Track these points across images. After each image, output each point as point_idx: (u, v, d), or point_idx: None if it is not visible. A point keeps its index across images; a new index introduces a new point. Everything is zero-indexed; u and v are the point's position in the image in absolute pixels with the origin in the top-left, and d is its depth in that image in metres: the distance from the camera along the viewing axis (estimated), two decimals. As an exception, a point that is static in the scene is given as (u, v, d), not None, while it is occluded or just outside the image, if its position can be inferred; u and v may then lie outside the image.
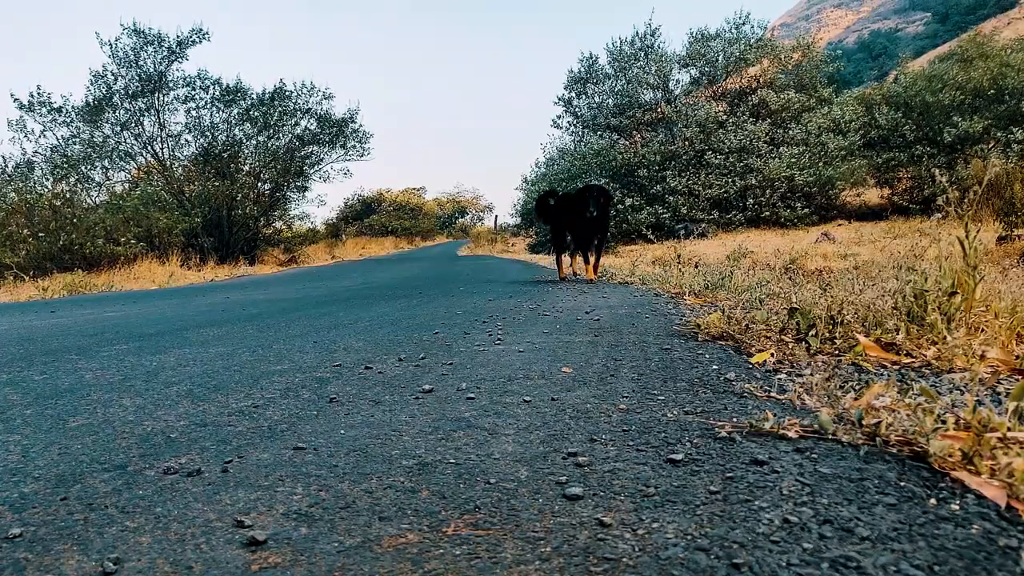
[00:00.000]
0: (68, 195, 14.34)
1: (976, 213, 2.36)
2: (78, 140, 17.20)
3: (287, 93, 19.25)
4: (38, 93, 16.78)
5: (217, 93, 18.51)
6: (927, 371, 1.89)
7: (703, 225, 16.60)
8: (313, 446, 1.43)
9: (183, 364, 2.55)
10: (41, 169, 15.76)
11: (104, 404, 1.90)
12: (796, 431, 1.37)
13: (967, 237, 2.20)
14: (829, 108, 18.19)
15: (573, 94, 21.75)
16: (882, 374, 1.86)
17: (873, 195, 19.05)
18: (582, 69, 21.23)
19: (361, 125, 20.77)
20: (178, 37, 17.51)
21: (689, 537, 0.93)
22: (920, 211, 15.92)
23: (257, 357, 2.65)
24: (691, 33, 20.20)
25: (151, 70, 17.55)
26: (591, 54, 21.28)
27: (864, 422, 1.35)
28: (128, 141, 18.01)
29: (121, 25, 19.00)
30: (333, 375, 2.22)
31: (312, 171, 20.49)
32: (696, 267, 6.88)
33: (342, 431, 1.53)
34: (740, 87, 19.56)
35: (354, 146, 20.67)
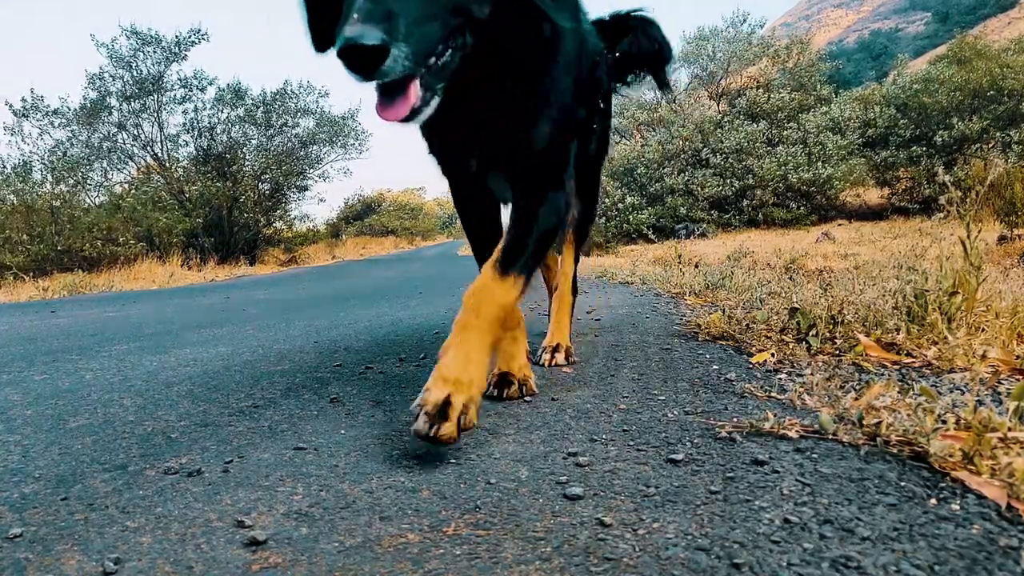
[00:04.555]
0: (67, 196, 14.35)
1: (977, 213, 2.36)
2: (76, 141, 17.19)
3: (289, 93, 19.27)
4: (32, 96, 16.76)
5: (215, 94, 18.53)
6: (928, 371, 1.89)
7: (703, 225, 16.60)
8: (314, 446, 1.43)
9: (183, 364, 2.55)
10: (40, 172, 15.74)
11: (104, 404, 1.90)
12: (796, 431, 1.37)
13: (968, 237, 2.20)
14: (828, 108, 18.20)
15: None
16: (883, 374, 1.86)
17: (873, 195, 19.05)
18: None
19: (360, 123, 20.82)
20: (177, 38, 17.51)
21: (690, 537, 0.93)
22: (920, 211, 15.91)
23: (257, 357, 2.65)
24: (685, 34, 20.25)
25: (149, 71, 17.54)
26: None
27: (864, 422, 1.34)
28: (127, 142, 18.02)
29: (120, 27, 19.01)
30: (334, 375, 2.22)
31: (312, 171, 20.52)
32: (696, 267, 6.84)
33: (343, 431, 1.53)
34: (739, 87, 19.59)
35: (354, 144, 20.73)
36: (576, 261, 2.47)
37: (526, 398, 1.78)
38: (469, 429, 1.32)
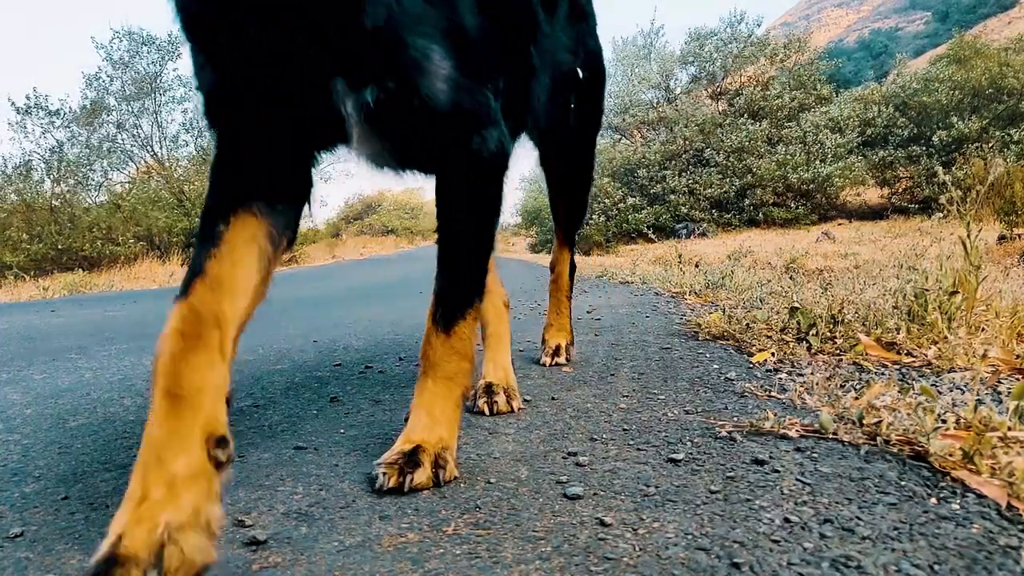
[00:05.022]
0: (67, 196, 14.37)
1: (977, 212, 2.36)
2: (76, 142, 17.20)
3: None
4: (35, 95, 16.79)
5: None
6: (928, 370, 1.89)
7: (704, 225, 16.60)
8: (314, 446, 1.43)
9: (183, 364, 2.55)
10: (39, 171, 15.77)
11: (104, 404, 1.90)
12: (797, 430, 1.36)
13: (969, 236, 2.20)
14: (827, 107, 18.21)
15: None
16: (883, 373, 1.86)
17: (873, 195, 19.05)
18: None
19: None
20: (170, 36, 17.51)
21: (690, 536, 0.93)
22: (919, 211, 15.91)
23: (257, 357, 2.65)
24: (689, 32, 20.24)
25: (146, 71, 17.55)
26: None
27: (865, 421, 1.34)
28: (126, 142, 18.03)
29: (112, 29, 19.07)
30: (333, 375, 2.22)
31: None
32: (697, 267, 6.83)
33: (342, 431, 1.53)
34: (739, 86, 19.60)
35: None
36: (571, 254, 2.31)
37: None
38: (450, 482, 1.16)
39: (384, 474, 1.12)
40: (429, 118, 1.03)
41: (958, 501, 1.02)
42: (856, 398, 1.48)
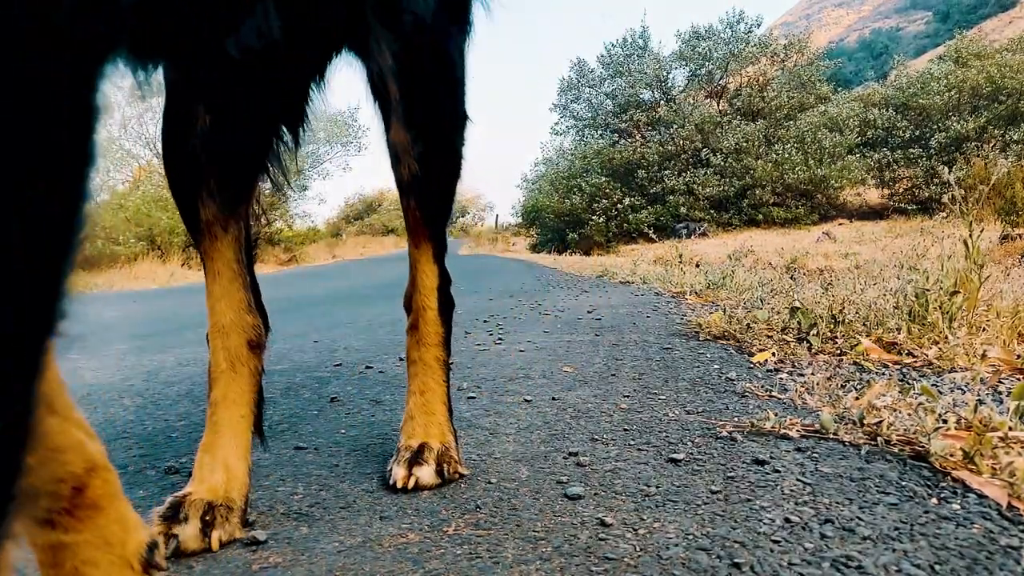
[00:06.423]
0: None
1: (978, 212, 2.36)
2: None
3: None
4: None
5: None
6: (928, 370, 1.89)
7: (704, 225, 16.61)
8: (314, 446, 1.43)
9: (183, 364, 2.55)
10: None
11: (105, 404, 1.90)
12: (797, 430, 1.36)
13: (971, 236, 2.20)
14: (825, 106, 18.22)
15: (569, 99, 21.84)
16: (883, 373, 1.86)
17: (873, 195, 19.05)
18: (573, 76, 21.35)
19: (357, 122, 21.09)
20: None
21: (690, 537, 0.93)
22: (919, 211, 15.91)
23: (258, 357, 2.65)
24: (679, 33, 20.22)
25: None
26: (579, 59, 21.52)
27: (865, 421, 1.34)
28: (129, 142, 18.07)
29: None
30: (333, 375, 2.22)
31: (312, 171, 20.62)
32: (697, 267, 6.83)
33: (343, 431, 1.53)
34: (738, 86, 19.61)
35: (352, 141, 21.00)
36: (440, 257, 1.25)
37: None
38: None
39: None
40: None
41: (959, 501, 1.02)
42: (857, 398, 1.48)
